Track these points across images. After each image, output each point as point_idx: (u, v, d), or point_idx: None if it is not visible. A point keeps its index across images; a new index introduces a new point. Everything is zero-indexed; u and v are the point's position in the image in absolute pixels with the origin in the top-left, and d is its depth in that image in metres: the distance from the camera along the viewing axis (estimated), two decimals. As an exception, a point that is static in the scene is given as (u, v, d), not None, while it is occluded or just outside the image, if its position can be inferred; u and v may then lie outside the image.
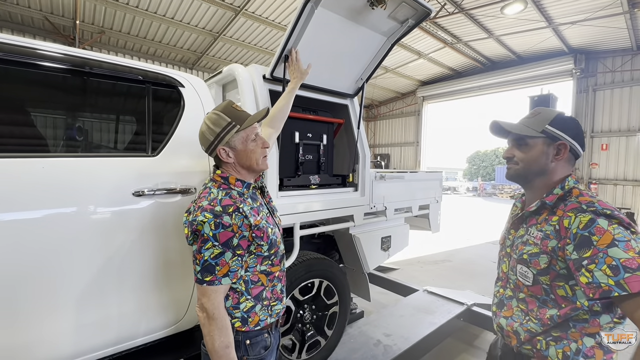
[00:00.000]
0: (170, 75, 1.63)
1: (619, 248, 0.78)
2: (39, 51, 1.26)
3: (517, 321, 1.01)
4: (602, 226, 0.82)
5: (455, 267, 5.24)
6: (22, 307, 1.15)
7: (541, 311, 0.95)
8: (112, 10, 6.88)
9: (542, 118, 1.01)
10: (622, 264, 0.76)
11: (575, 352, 0.89)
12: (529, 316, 0.98)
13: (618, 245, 0.78)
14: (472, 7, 7.36)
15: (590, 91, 10.02)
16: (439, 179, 3.25)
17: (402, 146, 15.99)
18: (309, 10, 1.58)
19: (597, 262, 0.80)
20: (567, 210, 0.91)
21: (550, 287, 0.93)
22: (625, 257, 0.77)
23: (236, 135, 1.11)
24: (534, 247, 0.96)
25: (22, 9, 6.62)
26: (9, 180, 1.12)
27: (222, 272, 1.00)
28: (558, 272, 0.91)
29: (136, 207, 1.38)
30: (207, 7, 7.06)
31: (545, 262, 0.93)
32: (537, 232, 0.98)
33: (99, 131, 2.24)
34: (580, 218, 0.86)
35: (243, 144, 1.12)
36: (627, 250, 0.77)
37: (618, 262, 0.77)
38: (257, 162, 1.15)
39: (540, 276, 0.94)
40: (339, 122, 2.30)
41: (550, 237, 0.92)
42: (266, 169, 1.22)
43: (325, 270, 2.17)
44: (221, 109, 1.13)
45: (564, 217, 0.91)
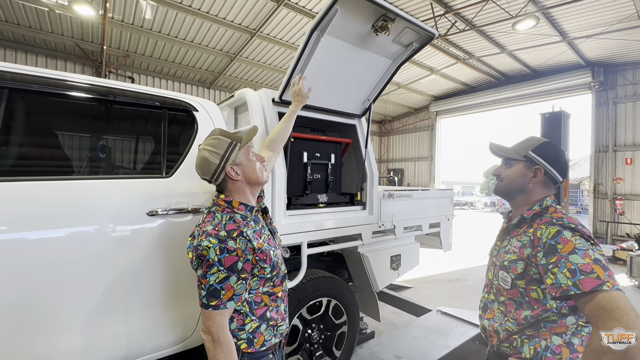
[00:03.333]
0: (186, 101, 1.73)
1: (578, 255, 0.93)
2: (70, 82, 1.38)
3: (497, 322, 1.15)
4: (566, 237, 0.97)
5: (471, 287, 5.07)
6: (39, 320, 1.21)
7: (517, 312, 1.09)
8: (136, 35, 7.32)
9: (529, 144, 1.18)
10: (579, 268, 0.91)
11: (544, 349, 1.02)
12: (507, 317, 1.12)
13: (577, 253, 0.93)
14: (483, 24, 7.40)
15: (611, 104, 9.73)
16: (450, 197, 3.21)
17: (416, 161, 15.86)
18: (315, 37, 1.66)
19: (560, 266, 0.94)
20: (541, 224, 1.06)
21: (525, 290, 1.07)
22: (582, 262, 0.91)
23: (239, 152, 1.17)
24: (513, 255, 1.11)
25: (56, 37, 7.15)
26: (37, 201, 1.22)
27: (227, 296, 1.02)
28: (532, 277, 1.05)
29: (149, 226, 1.45)
30: (225, 31, 7.41)
31: (522, 267, 1.07)
32: (516, 242, 1.13)
33: (119, 152, 2.37)
34: (549, 229, 1.02)
35: (247, 159, 1.18)
36: (584, 257, 0.92)
37: (576, 267, 0.91)
38: (261, 174, 1.21)
39: (517, 280, 1.09)
40: (347, 141, 2.35)
41: (526, 245, 1.07)
42: (268, 180, 1.30)
43: (334, 289, 2.16)
44: (217, 134, 1.19)
45: (537, 229, 1.06)
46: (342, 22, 1.65)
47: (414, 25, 1.77)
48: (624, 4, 6.32)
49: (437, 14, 6.94)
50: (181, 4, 6.26)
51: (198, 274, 1.04)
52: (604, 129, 9.77)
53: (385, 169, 16.89)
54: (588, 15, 6.92)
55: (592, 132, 9.89)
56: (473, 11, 6.95)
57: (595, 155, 9.85)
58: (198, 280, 1.04)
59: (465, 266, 6.32)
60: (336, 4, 1.51)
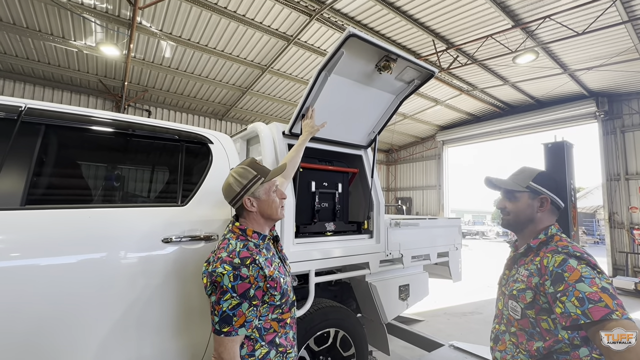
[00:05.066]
0: (202, 134, 1.85)
1: (585, 283, 0.93)
2: (95, 118, 1.52)
3: (509, 354, 1.13)
4: (572, 265, 0.98)
5: (486, 320, 4.86)
6: (53, 345, 1.25)
7: (529, 344, 1.07)
8: (156, 72, 7.82)
9: (526, 175, 1.21)
10: (587, 296, 0.91)
11: None
12: (519, 349, 1.11)
13: (584, 281, 0.93)
14: (484, 59, 7.70)
15: (618, 133, 9.73)
16: (458, 226, 3.20)
17: (424, 189, 15.80)
18: (323, 76, 1.80)
19: (568, 295, 0.94)
20: (547, 252, 1.08)
21: (536, 320, 1.06)
22: (589, 291, 0.91)
23: (260, 186, 1.25)
24: (522, 284, 1.11)
25: (81, 74, 7.69)
26: (64, 227, 1.30)
27: (239, 322, 1.05)
28: (541, 306, 1.04)
29: (163, 253, 1.50)
30: (238, 67, 7.87)
31: (531, 296, 1.07)
32: (524, 270, 1.13)
33: (140, 182, 2.49)
34: (555, 258, 1.03)
35: (266, 195, 1.26)
36: (591, 286, 0.92)
37: (584, 295, 0.91)
38: (276, 211, 1.27)
39: (527, 310, 1.08)
40: (354, 171, 2.43)
41: (534, 274, 1.08)
42: (282, 218, 1.35)
43: (342, 320, 2.14)
44: (247, 164, 1.29)
45: (544, 258, 1.07)
46: (348, 63, 1.79)
47: (414, 64, 1.91)
48: (621, 38, 6.54)
49: (439, 49, 7.28)
50: (198, 43, 6.73)
51: (212, 300, 1.08)
52: (614, 158, 9.69)
53: (393, 198, 16.82)
54: (586, 49, 7.16)
55: (602, 160, 9.82)
56: (474, 47, 7.27)
57: (607, 183, 9.70)
58: (211, 307, 1.07)
59: (479, 298, 6.09)
60: (342, 48, 1.66)
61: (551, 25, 6.23)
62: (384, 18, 6.26)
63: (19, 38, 6.08)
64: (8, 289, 1.16)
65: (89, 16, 5.53)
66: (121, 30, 6.00)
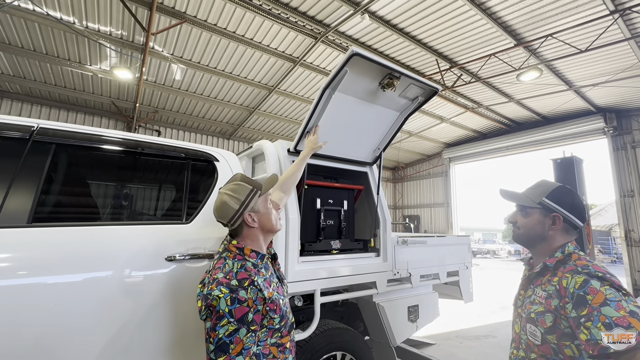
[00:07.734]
0: (208, 152, 1.87)
1: (611, 307, 0.86)
2: (104, 137, 1.55)
3: None
4: (594, 287, 0.91)
5: (501, 345, 4.63)
6: None
7: None
8: (166, 94, 8.08)
9: (541, 190, 1.14)
10: (614, 321, 0.84)
11: None
12: None
13: (610, 305, 0.87)
14: (488, 77, 7.78)
15: (629, 148, 9.58)
16: (467, 244, 3.12)
17: (432, 207, 15.60)
18: (327, 95, 1.83)
19: (593, 320, 0.87)
20: (566, 272, 1.01)
21: (558, 346, 0.98)
22: (616, 315, 0.85)
23: (258, 200, 1.21)
24: (540, 306, 1.04)
25: (95, 97, 7.98)
26: (69, 245, 1.30)
27: (236, 350, 0.96)
28: (563, 331, 0.97)
29: (166, 271, 1.49)
30: (245, 88, 8.09)
31: (551, 320, 0.99)
32: (541, 291, 1.06)
33: (148, 200, 2.51)
34: (575, 279, 0.96)
35: (264, 207, 1.22)
36: (618, 310, 0.86)
37: (611, 320, 0.85)
38: (276, 222, 1.24)
39: (547, 335, 1.00)
40: (359, 188, 2.41)
41: (553, 296, 1.01)
42: (281, 229, 1.32)
43: (349, 342, 2.06)
44: (239, 179, 1.22)
45: (562, 278, 1.00)
46: (352, 81, 1.82)
47: (417, 82, 1.93)
48: (625, 55, 6.56)
49: (442, 68, 7.39)
50: (208, 66, 6.97)
51: (207, 326, 1.00)
52: (627, 174, 9.49)
53: (400, 216, 16.62)
54: (591, 65, 7.19)
55: (614, 177, 9.63)
56: (477, 65, 7.36)
57: (621, 200, 9.46)
58: (206, 333, 1.00)
59: (493, 321, 5.83)
60: (346, 66, 1.69)
61: (554, 43, 6.30)
62: (388, 39, 6.42)
63: (38, 63, 6.38)
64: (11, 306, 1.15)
65: (105, 42, 5.80)
66: (134, 55, 6.26)
